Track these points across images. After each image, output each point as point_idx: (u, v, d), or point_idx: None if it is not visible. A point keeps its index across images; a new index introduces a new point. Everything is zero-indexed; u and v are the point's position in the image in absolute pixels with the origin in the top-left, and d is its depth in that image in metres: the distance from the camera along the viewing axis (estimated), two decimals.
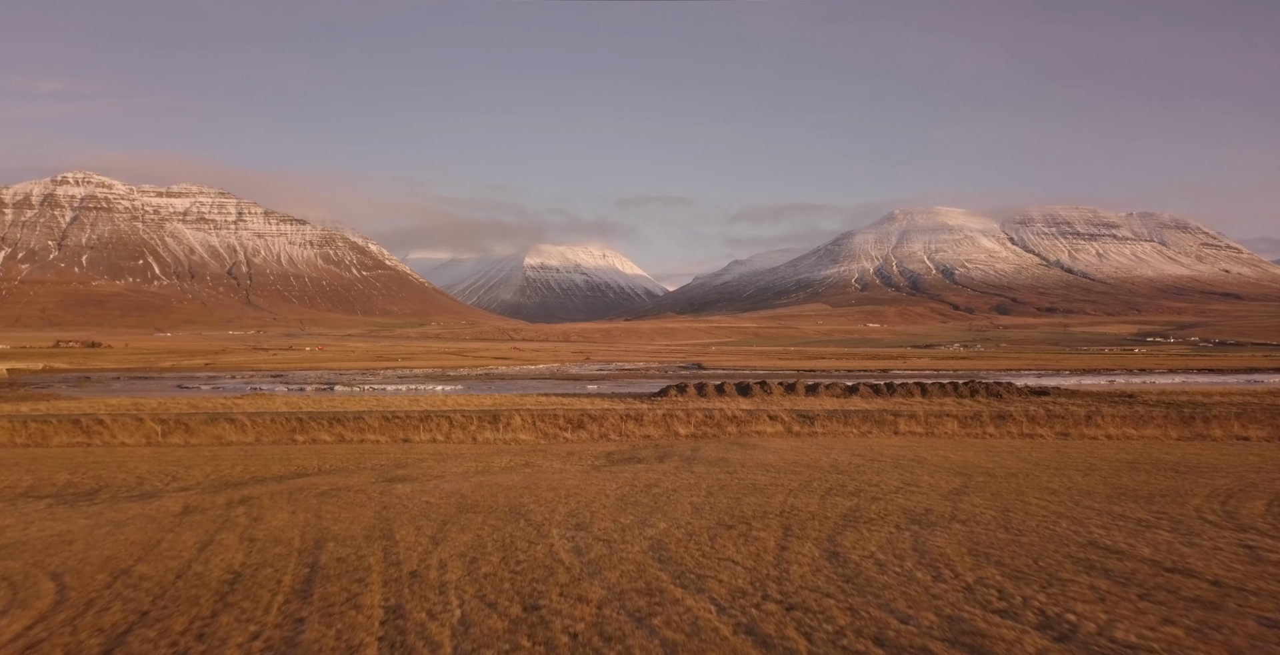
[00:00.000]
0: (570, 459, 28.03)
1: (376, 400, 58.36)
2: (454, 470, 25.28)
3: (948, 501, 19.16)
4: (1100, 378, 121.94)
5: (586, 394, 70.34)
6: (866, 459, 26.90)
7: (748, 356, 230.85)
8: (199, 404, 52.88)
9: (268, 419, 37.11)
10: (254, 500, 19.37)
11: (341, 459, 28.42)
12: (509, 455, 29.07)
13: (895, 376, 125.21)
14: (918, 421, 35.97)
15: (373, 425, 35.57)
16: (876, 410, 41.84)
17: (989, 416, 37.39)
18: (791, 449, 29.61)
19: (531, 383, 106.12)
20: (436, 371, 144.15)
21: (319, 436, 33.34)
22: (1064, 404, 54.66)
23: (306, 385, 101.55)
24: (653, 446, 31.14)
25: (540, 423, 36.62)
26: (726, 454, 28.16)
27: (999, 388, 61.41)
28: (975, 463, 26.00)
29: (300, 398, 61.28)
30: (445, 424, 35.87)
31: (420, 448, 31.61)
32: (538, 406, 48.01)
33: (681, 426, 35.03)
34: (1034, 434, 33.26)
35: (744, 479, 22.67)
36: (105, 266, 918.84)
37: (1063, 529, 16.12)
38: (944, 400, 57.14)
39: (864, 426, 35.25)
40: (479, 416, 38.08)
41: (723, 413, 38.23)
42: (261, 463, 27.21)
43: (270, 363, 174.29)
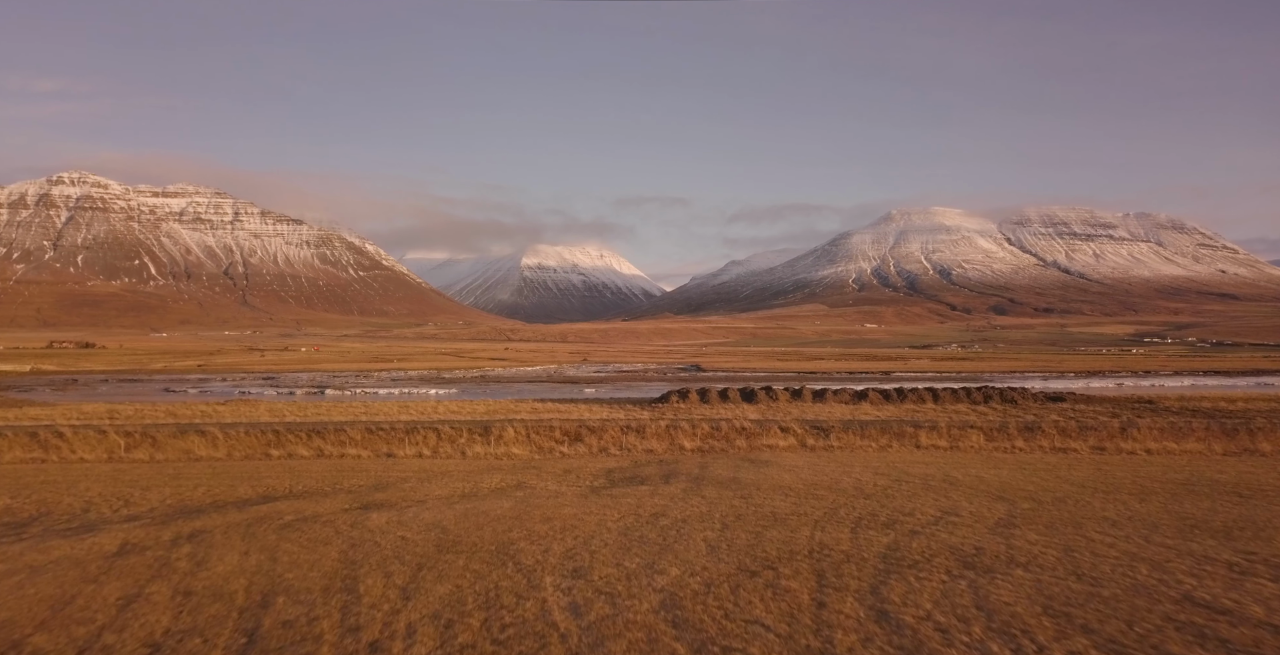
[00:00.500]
0: (567, 478, 25.60)
1: (365, 407, 55.92)
2: (438, 493, 22.85)
3: (998, 537, 16.76)
4: (1107, 381, 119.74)
5: (584, 399, 67.90)
6: (892, 479, 24.49)
7: (746, 357, 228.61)
8: (177, 411, 50.43)
9: (242, 431, 34.63)
10: (205, 536, 16.92)
11: (317, 478, 25.97)
12: (500, 473, 26.64)
13: (898, 379, 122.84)
14: (940, 434, 33.58)
15: (355, 438, 33.11)
16: (894, 420, 39.46)
17: (1016, 428, 35.02)
18: (808, 466, 27.19)
19: (527, 386, 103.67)
20: (432, 373, 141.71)
21: (296, 451, 30.88)
22: (1083, 411, 52.35)
23: (297, 388, 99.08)
24: (656, 463, 28.71)
25: (535, 435, 34.19)
26: (738, 473, 25.74)
27: (1013, 393, 59.09)
28: (1013, 484, 23.61)
29: (286, 404, 58.85)
30: (433, 436, 33.42)
31: (405, 464, 29.16)
32: (532, 415, 45.65)
33: (687, 439, 32.61)
34: (1067, 448, 30.89)
35: (761, 506, 20.25)
36: (101, 267, 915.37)
37: (1145, 577, 13.72)
38: (957, 407, 54.80)
39: (883, 439, 32.85)
40: (469, 428, 35.62)
41: (730, 424, 35.84)
42: (228, 483, 24.75)
43: (264, 364, 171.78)
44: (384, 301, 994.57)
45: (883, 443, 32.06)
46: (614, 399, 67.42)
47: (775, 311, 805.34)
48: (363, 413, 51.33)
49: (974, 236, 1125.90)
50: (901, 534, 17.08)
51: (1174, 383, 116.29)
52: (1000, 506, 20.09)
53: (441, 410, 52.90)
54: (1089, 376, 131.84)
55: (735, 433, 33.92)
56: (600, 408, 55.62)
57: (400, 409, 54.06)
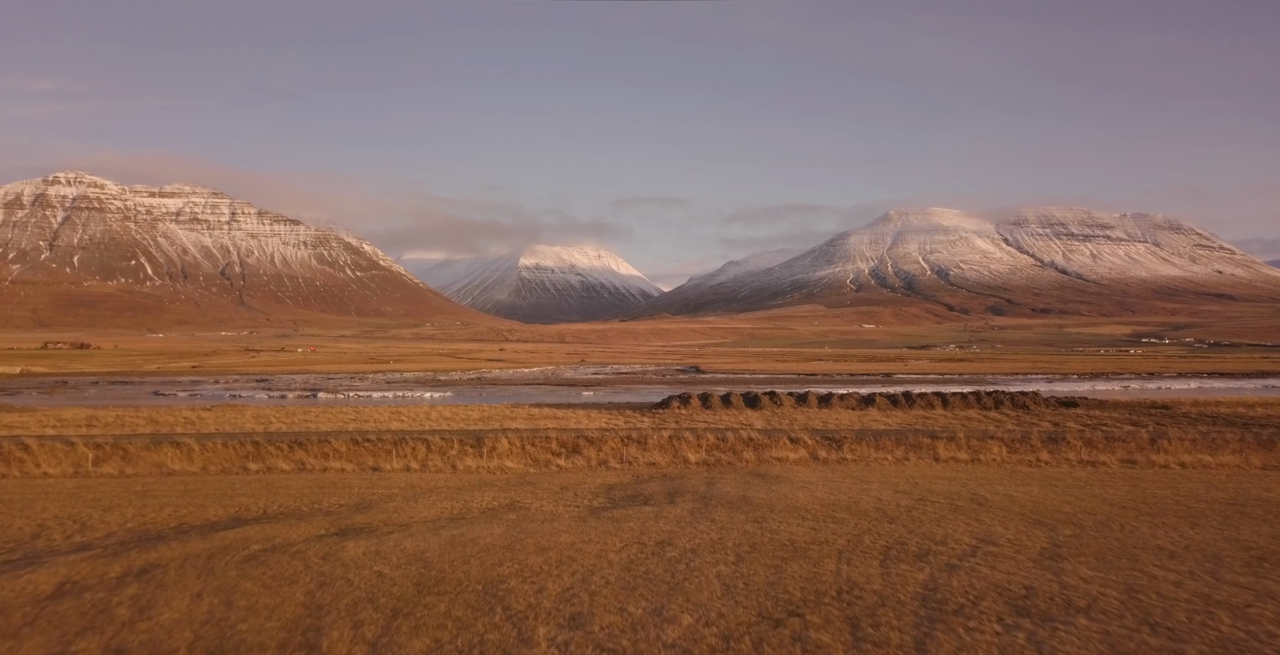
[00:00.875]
0: (564, 496, 23.77)
1: (355, 413, 54.01)
2: (424, 514, 21.01)
3: (1047, 572, 14.96)
4: (1113, 383, 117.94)
5: (582, 403, 65.98)
6: (915, 498, 22.68)
7: (745, 358, 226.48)
8: (159, 417, 48.53)
9: (220, 443, 32.73)
10: (158, 572, 15.09)
11: (295, 496, 24.13)
12: (492, 490, 24.82)
13: (901, 381, 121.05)
14: (959, 445, 31.76)
15: (340, 450, 31.24)
16: (908, 430, 37.57)
17: (1039, 439, 33.21)
18: (822, 483, 25.38)
19: (524, 389, 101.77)
20: (427, 375, 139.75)
21: (276, 465, 29.00)
22: (1099, 417, 50.57)
23: (290, 391, 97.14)
24: (660, 478, 26.88)
25: (530, 446, 32.32)
26: (748, 491, 23.93)
27: (1024, 398, 57.24)
28: (1048, 504, 21.80)
29: (275, 409, 56.94)
30: (422, 448, 31.55)
31: (391, 479, 27.31)
32: (528, 423, 43.80)
33: (691, 451, 30.77)
34: (1095, 461, 29.09)
35: (777, 532, 18.43)
36: (97, 267, 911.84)
37: (1229, 628, 11.92)
38: (968, 413, 52.98)
39: (898, 451, 31.03)
40: (460, 438, 33.73)
41: (736, 434, 33.96)
42: (197, 502, 22.90)
43: (258, 366, 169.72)
44: (381, 302, 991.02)
45: (899, 455, 30.24)
46: (613, 403, 65.54)
47: (773, 312, 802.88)
48: (352, 419, 49.46)
49: (971, 237, 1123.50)
50: (938, 568, 15.27)
51: (1181, 385, 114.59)
52: (1040, 533, 18.28)
53: (434, 417, 51.04)
54: (1093, 379, 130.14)
55: (742, 444, 32.08)
56: (599, 413, 53.77)
57: (392, 415, 52.19)
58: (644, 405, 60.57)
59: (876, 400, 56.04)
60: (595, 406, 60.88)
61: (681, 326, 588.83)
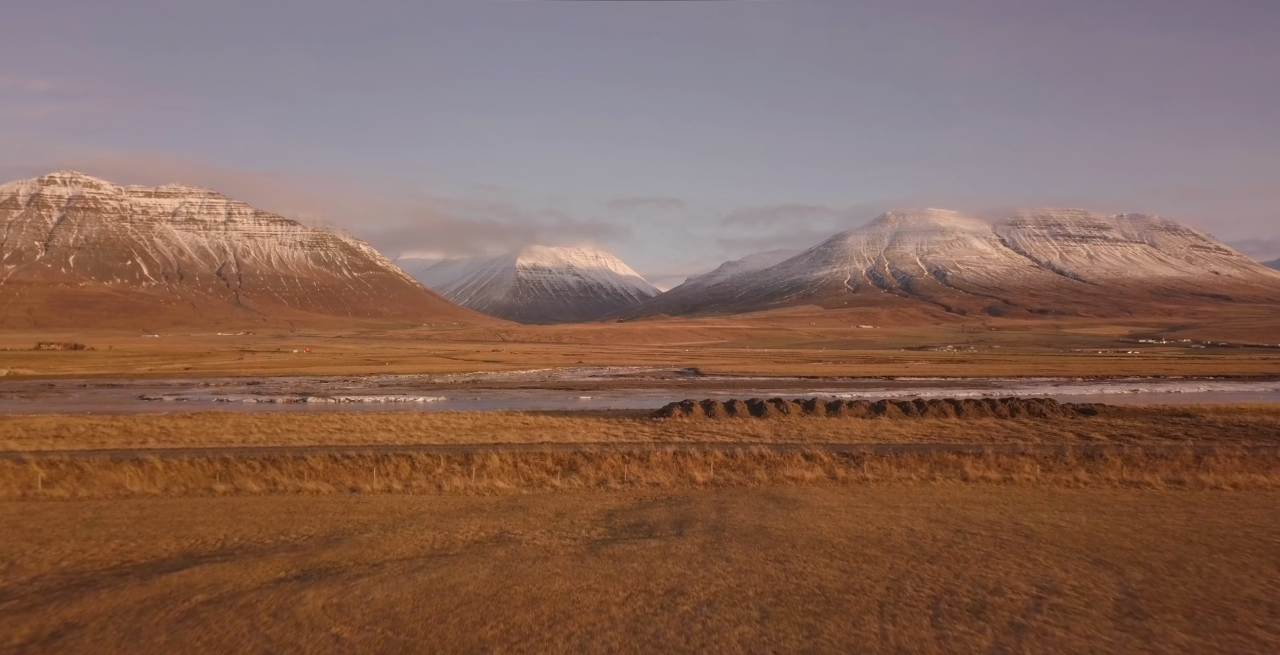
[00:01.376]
0: (559, 526, 21.34)
1: (342, 421, 51.52)
2: (401, 550, 18.59)
3: (1133, 635, 12.56)
4: (1120, 387, 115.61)
5: (579, 410, 63.50)
6: (952, 529, 20.26)
7: (744, 359, 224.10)
8: (133, 427, 46.05)
9: (186, 460, 30.25)
10: (71, 637, 12.65)
11: (260, 524, 21.70)
12: (480, 517, 22.40)
13: (903, 384, 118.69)
14: (988, 463, 29.35)
15: (316, 468, 28.81)
16: (931, 445, 35.09)
17: (1074, 456, 30.84)
18: (845, 508, 22.97)
19: (520, 393, 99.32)
20: (422, 378, 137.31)
21: (245, 486, 26.57)
22: (1122, 426, 48.22)
23: (280, 396, 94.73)
24: (665, 502, 24.46)
25: (523, 464, 29.89)
26: (764, 518, 21.52)
27: (1040, 406, 54.85)
28: (1101, 537, 19.39)
29: (259, 416, 54.44)
30: (406, 466, 29.12)
31: (370, 502, 24.87)
32: (522, 435, 41.35)
33: (698, 470, 28.36)
34: (1138, 482, 26.73)
35: (804, 575, 16.02)
36: (93, 267, 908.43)
37: None
38: (983, 421, 50.60)
39: (922, 469, 28.63)
40: (448, 455, 31.27)
41: (747, 451, 31.51)
42: (149, 534, 20.46)
43: (251, 368, 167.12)
44: (378, 302, 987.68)
45: (923, 473, 27.83)
46: (611, 410, 63.06)
47: (770, 312, 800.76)
48: (338, 429, 47.00)
49: (969, 238, 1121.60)
50: (1000, 629, 12.87)
51: (1190, 389, 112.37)
52: (1107, 578, 15.88)
53: (424, 426, 48.62)
54: (1099, 382, 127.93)
55: (753, 462, 29.66)
56: (597, 422, 51.37)
57: (380, 424, 49.75)
58: (644, 412, 58.11)
59: (887, 408, 53.64)
60: (593, 414, 58.44)
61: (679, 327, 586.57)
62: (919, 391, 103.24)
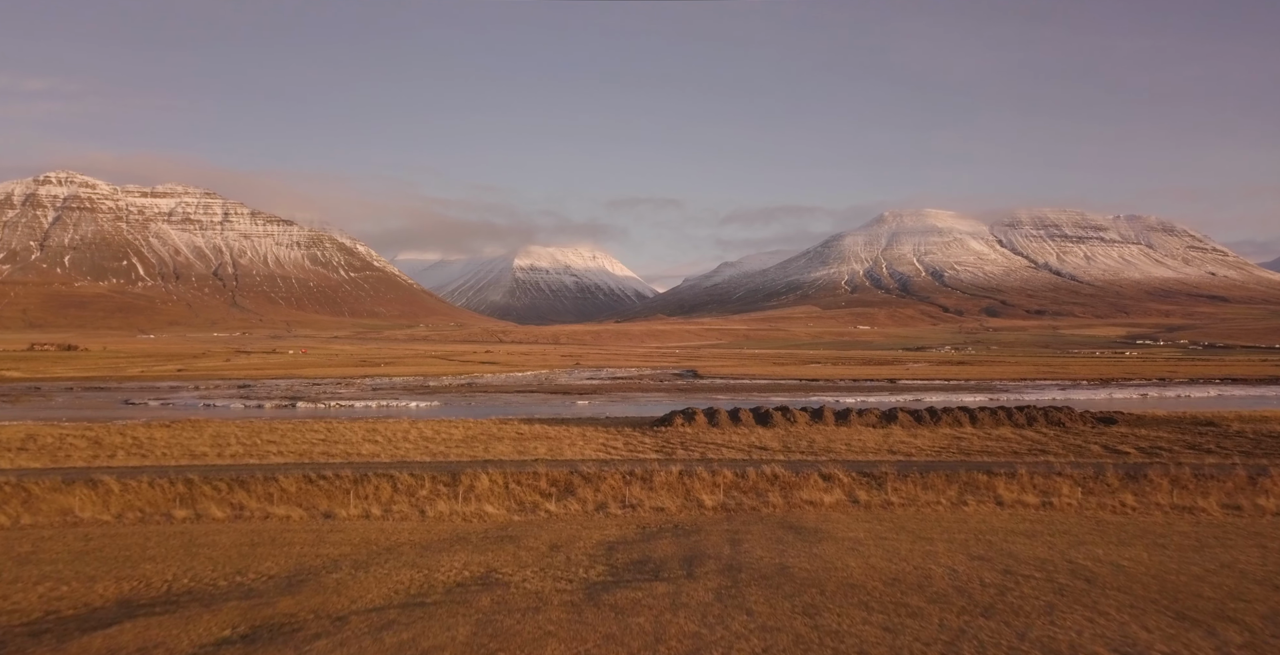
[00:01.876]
0: (553, 563, 18.90)
1: (327, 430, 48.94)
2: (371, 597, 16.15)
3: None
4: (1128, 391, 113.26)
5: (576, 418, 60.97)
6: (1000, 569, 17.83)
7: (742, 361, 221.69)
8: (104, 438, 43.51)
9: (146, 482, 27.72)
10: None
11: (217, 560, 19.24)
12: (466, 550, 19.96)
13: (907, 388, 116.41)
14: (1022, 485, 26.91)
15: (288, 490, 26.33)
16: (959, 464, 32.52)
17: (1115, 477, 28.42)
18: (873, 540, 20.55)
19: (515, 397, 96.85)
20: (416, 381, 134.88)
21: (207, 511, 24.10)
22: (1147, 437, 45.83)
23: (269, 400, 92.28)
24: (671, 531, 22.02)
25: (515, 485, 27.42)
26: (784, 555, 19.09)
27: (1059, 414, 52.41)
28: (1173, 580, 16.97)
29: (240, 425, 51.87)
30: (387, 487, 26.65)
31: (345, 531, 22.41)
32: (515, 447, 38.86)
33: (706, 493, 25.93)
34: (1191, 507, 24.32)
35: (840, 635, 13.60)
36: (88, 267, 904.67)
37: None
38: (1000, 431, 48.18)
39: (950, 490, 26.21)
40: (434, 475, 28.78)
41: (759, 471, 28.98)
42: (87, 574, 17.99)
43: (243, 370, 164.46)
44: (375, 303, 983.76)
45: (953, 496, 25.42)
46: (610, 418, 60.50)
47: (768, 313, 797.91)
48: (321, 440, 44.50)
49: (966, 238, 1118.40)
50: None
51: (1200, 393, 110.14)
52: (1199, 640, 13.46)
53: (413, 436, 46.12)
54: (1105, 386, 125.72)
55: (766, 483, 27.21)
56: (595, 431, 48.89)
57: (367, 434, 47.24)
58: (644, 421, 55.59)
59: (899, 417, 51.15)
60: (591, 422, 55.94)
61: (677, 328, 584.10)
62: (924, 396, 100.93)
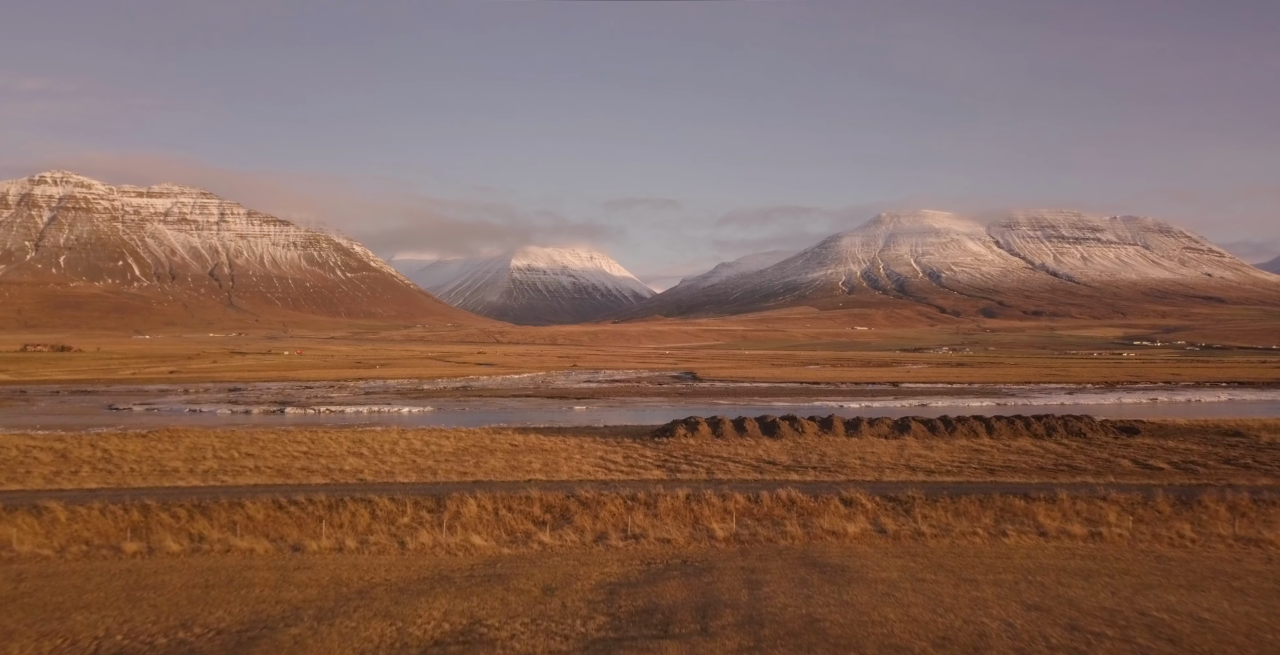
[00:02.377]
0: (547, 613, 16.46)
1: (311, 441, 46.41)
2: None
3: None
4: (1136, 395, 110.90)
5: (573, 427, 58.43)
6: (1064, 625, 15.41)
7: (740, 362, 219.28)
8: (73, 451, 41.01)
9: (98, 509, 25.14)
10: None
11: (161, 609, 16.77)
12: (448, 595, 17.52)
13: (910, 392, 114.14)
14: (1063, 511, 24.46)
15: (255, 518, 23.85)
16: (989, 484, 29.93)
17: (1166, 501, 25.99)
18: (909, 581, 18.12)
19: (511, 402, 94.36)
20: (410, 384, 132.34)
21: (163, 543, 21.61)
22: (1175, 449, 43.45)
23: (257, 405, 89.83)
24: (680, 570, 19.59)
25: (506, 511, 24.95)
26: (811, 602, 16.66)
27: (1079, 424, 49.98)
28: (1268, 639, 14.57)
29: (220, 435, 49.36)
30: (365, 514, 24.18)
31: (313, 567, 19.95)
32: (508, 463, 36.40)
33: (716, 521, 23.49)
34: (1257, 539, 21.91)
35: None
36: (84, 267, 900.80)
37: None
38: (1020, 442, 45.79)
39: (985, 517, 23.78)
40: (417, 500, 26.24)
41: (774, 496, 26.45)
42: (6, 628, 15.53)
43: (237, 372, 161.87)
44: (372, 303, 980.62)
45: (988, 524, 23.00)
46: (608, 427, 57.96)
47: (765, 314, 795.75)
48: (304, 452, 42.02)
49: (963, 239, 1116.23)
50: None
51: (1210, 397, 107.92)
52: None
53: (401, 447, 43.65)
54: (1111, 390, 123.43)
55: (783, 509, 24.75)
56: (593, 442, 46.41)
57: (353, 445, 44.76)
58: (644, 430, 53.10)
59: (912, 427, 48.71)
60: (588, 432, 53.43)
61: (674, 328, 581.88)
62: (929, 400, 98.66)
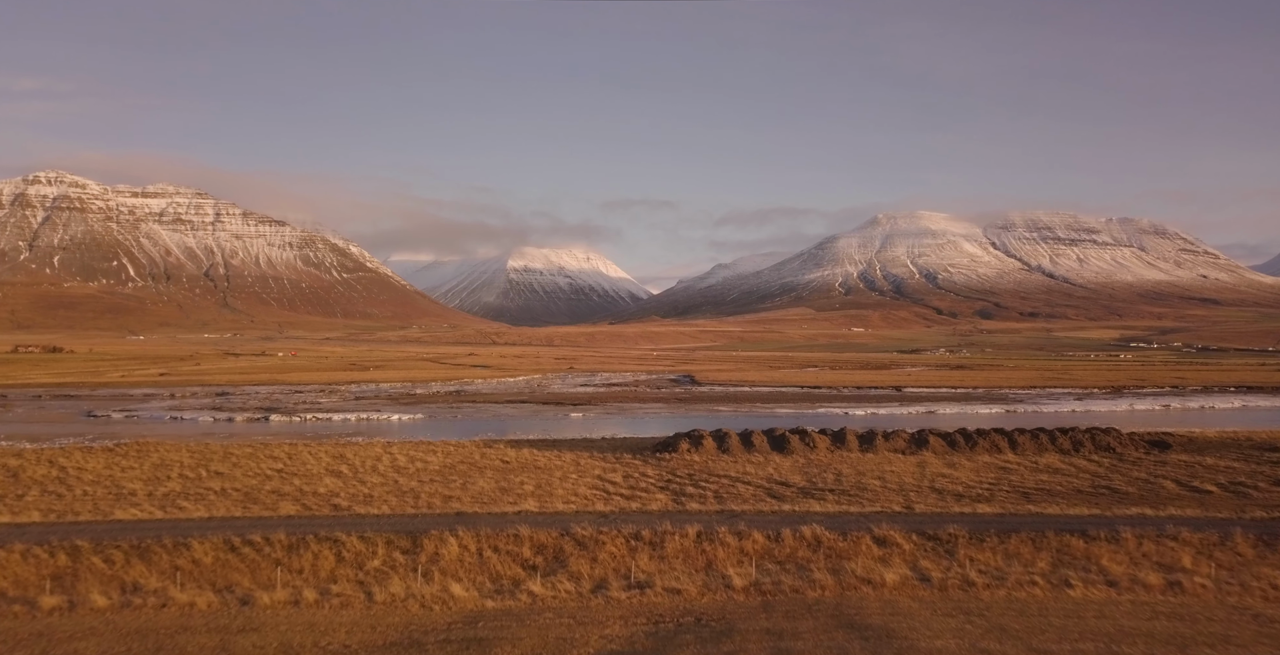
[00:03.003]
0: None
1: (288, 458, 43.24)
2: None
3: None
4: (1148, 401, 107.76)
5: (569, 441, 55.25)
6: None
7: (739, 365, 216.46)
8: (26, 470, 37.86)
9: (19, 553, 21.63)
10: None
11: None
12: None
13: (915, 397, 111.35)
14: (1128, 552, 21.41)
15: (202, 562, 20.75)
16: (1037, 517, 26.61)
17: (1246, 542, 22.94)
18: (969, 652, 15.12)
19: (505, 409, 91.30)
20: (403, 388, 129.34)
21: (87, 595, 18.54)
22: (1216, 467, 40.51)
23: (241, 412, 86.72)
24: (693, 633, 16.56)
25: (491, 552, 21.81)
26: None
27: (1106, 438, 46.95)
28: None
29: (190, 451, 46.15)
30: (329, 557, 21.08)
31: (260, 629, 16.89)
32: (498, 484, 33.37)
33: (733, 565, 20.47)
34: None
35: None
36: (78, 268, 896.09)
37: None
38: (1047, 459, 42.79)
39: (1040, 560, 20.78)
40: (390, 539, 23.06)
41: (796, 534, 23.10)
42: None
43: (227, 374, 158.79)
44: (368, 304, 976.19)
45: (1044, 569, 20.00)
46: (607, 440, 54.76)
47: (762, 315, 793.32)
48: (278, 470, 38.93)
49: (959, 241, 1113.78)
50: None
51: (1223, 404, 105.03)
52: None
53: (385, 464, 40.58)
54: (1118, 395, 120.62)
55: (807, 550, 21.66)
56: (590, 459, 43.30)
57: (334, 461, 41.66)
58: (644, 445, 49.91)
59: (930, 441, 45.65)
60: (585, 446, 50.27)
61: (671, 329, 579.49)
62: (935, 407, 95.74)
